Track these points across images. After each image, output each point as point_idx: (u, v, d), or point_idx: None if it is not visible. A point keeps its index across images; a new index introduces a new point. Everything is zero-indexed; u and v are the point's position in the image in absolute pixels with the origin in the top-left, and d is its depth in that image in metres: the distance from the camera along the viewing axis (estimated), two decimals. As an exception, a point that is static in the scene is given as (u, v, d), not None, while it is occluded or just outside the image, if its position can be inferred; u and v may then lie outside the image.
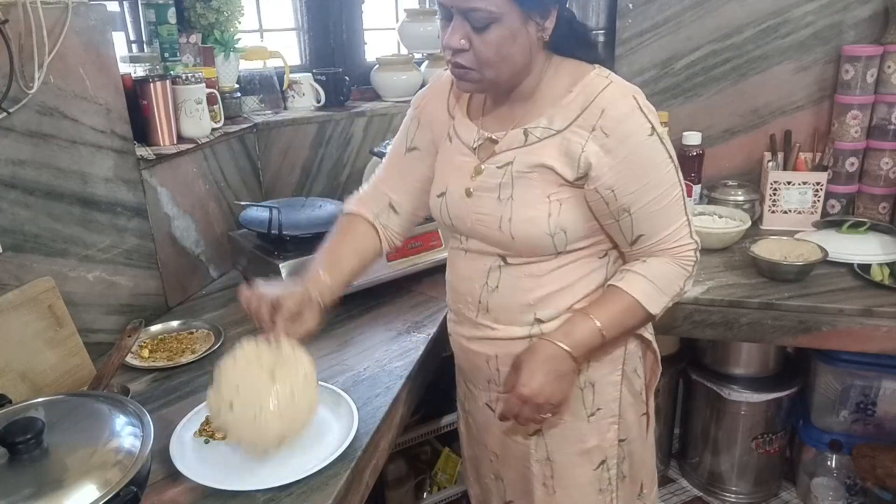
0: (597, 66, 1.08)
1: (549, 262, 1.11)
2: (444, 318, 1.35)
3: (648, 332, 1.21)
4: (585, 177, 1.04)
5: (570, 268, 1.11)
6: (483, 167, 1.11)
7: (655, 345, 1.24)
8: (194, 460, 1.07)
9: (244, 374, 1.02)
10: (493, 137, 1.11)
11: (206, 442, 1.12)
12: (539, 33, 1.02)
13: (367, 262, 1.25)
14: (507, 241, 1.10)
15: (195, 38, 1.90)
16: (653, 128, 1.02)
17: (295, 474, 1.02)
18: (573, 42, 1.08)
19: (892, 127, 1.88)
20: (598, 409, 1.19)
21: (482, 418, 1.29)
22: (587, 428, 1.19)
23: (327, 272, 1.15)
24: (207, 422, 1.16)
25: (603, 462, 1.21)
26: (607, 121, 1.01)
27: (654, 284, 1.08)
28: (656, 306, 1.09)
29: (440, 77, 1.23)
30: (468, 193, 1.13)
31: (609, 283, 1.12)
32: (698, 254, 1.11)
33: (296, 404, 1.01)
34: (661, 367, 1.26)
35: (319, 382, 1.23)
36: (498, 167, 1.09)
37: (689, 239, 1.09)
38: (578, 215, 1.07)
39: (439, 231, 1.68)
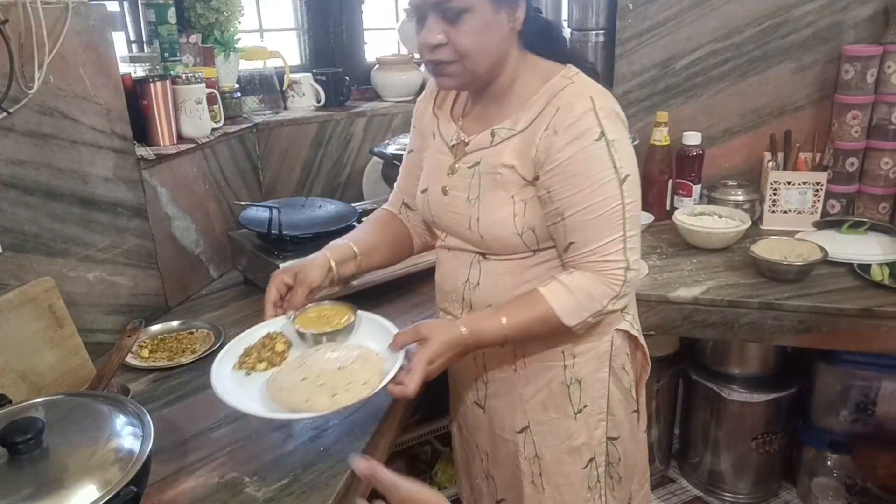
0: (568, 65, 1.09)
1: (528, 259, 1.11)
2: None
3: (635, 329, 1.20)
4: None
5: (552, 264, 1.11)
6: (457, 166, 1.14)
7: (643, 340, 1.23)
8: (239, 392, 1.03)
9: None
10: (466, 140, 1.13)
11: (247, 374, 1.08)
12: (511, 24, 1.04)
13: (396, 238, 1.31)
14: (478, 240, 1.12)
15: (195, 38, 1.91)
16: (602, 133, 1.00)
17: (351, 398, 0.99)
18: (545, 39, 1.10)
19: (892, 127, 1.88)
20: (586, 406, 1.18)
21: (471, 417, 1.30)
22: (574, 425, 1.19)
23: (347, 239, 1.25)
24: (246, 353, 1.11)
25: (591, 460, 1.21)
26: (559, 119, 1.02)
27: (575, 297, 1.04)
28: (572, 319, 1.05)
29: (433, 80, 1.24)
30: (444, 191, 1.16)
31: (537, 287, 1.08)
32: (629, 274, 1.05)
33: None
34: (650, 363, 1.25)
35: (359, 312, 1.18)
36: (468, 167, 1.12)
37: (620, 257, 1.04)
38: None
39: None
